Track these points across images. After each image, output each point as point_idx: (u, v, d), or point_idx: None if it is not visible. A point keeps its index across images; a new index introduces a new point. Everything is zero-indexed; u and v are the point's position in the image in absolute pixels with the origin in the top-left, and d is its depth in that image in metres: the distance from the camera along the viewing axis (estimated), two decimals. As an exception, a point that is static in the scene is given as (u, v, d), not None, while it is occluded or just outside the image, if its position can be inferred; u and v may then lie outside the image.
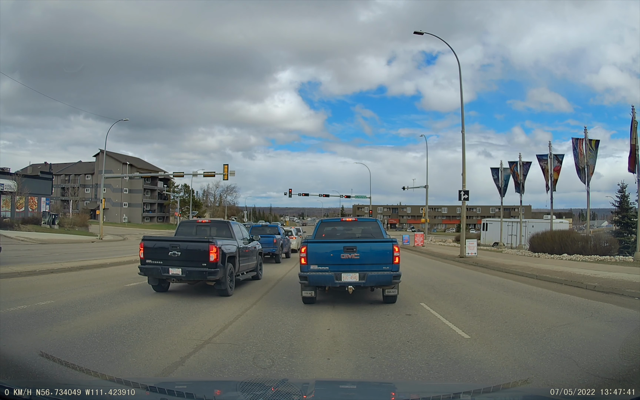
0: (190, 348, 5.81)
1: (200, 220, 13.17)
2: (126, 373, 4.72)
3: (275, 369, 5.09)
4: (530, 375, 4.81)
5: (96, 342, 5.94)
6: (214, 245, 9.81)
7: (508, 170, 33.66)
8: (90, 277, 13.22)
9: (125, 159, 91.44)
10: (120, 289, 10.82)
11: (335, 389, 3.43)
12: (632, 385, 4.02)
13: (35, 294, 9.50)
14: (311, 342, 6.38)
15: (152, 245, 10.20)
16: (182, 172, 44.47)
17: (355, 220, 11.19)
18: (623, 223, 35.66)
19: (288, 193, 59.43)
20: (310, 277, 8.74)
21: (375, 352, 5.83)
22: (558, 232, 26.06)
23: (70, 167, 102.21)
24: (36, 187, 47.23)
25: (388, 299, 9.23)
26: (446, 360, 5.41)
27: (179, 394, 2.68)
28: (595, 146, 25.29)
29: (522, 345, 6.07)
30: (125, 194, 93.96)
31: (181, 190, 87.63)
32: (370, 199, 63.87)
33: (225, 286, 10.19)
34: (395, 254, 8.77)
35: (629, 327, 7.22)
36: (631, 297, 10.01)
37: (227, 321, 7.58)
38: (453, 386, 4.22)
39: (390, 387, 3.76)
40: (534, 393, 3.49)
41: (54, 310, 7.90)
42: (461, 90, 24.19)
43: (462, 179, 23.44)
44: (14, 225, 36.91)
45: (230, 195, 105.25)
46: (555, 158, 29.02)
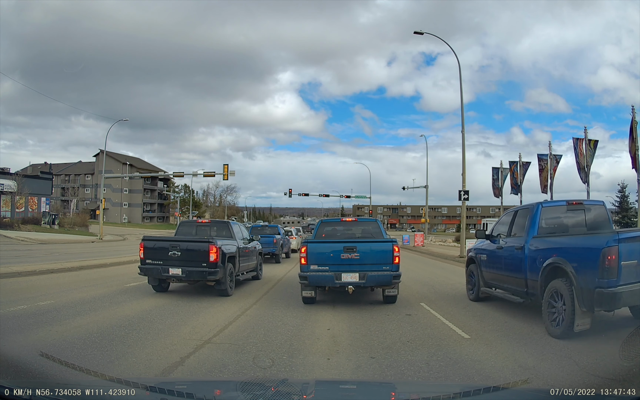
0: (190, 348, 5.81)
1: (201, 220, 13.18)
2: (126, 373, 4.72)
3: (275, 369, 5.09)
4: (530, 375, 4.81)
5: (96, 342, 5.95)
6: (214, 245, 9.81)
7: (508, 171, 33.66)
8: (90, 277, 13.23)
9: (125, 159, 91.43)
10: (120, 289, 10.82)
11: (335, 389, 3.43)
12: (632, 385, 4.02)
13: (35, 294, 9.50)
14: (311, 342, 6.38)
15: (152, 245, 10.21)
16: (182, 172, 44.45)
17: (355, 220, 11.20)
18: (623, 223, 35.69)
19: (288, 193, 59.44)
20: (310, 277, 8.75)
21: (375, 352, 5.83)
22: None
23: (70, 167, 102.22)
24: (36, 187, 47.17)
25: (388, 299, 9.23)
26: (446, 360, 5.41)
27: (179, 394, 2.68)
28: (594, 146, 25.32)
29: (522, 345, 6.07)
30: (125, 194, 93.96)
31: (181, 190, 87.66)
32: (370, 199, 63.89)
33: (225, 286, 10.19)
34: (395, 254, 8.78)
35: (629, 327, 7.21)
36: (631, 297, 9.99)
37: (227, 321, 7.58)
38: (453, 386, 4.22)
39: (390, 387, 3.76)
40: (534, 393, 3.49)
41: (54, 310, 7.90)
42: (461, 90, 24.22)
43: (462, 179, 23.46)
44: (14, 225, 36.90)
45: (231, 195, 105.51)
46: (554, 158, 29.03)
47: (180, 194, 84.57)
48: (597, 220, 7.97)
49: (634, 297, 5.83)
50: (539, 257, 7.17)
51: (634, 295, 5.79)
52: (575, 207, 8.11)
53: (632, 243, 5.88)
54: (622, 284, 5.71)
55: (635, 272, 5.78)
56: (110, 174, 68.41)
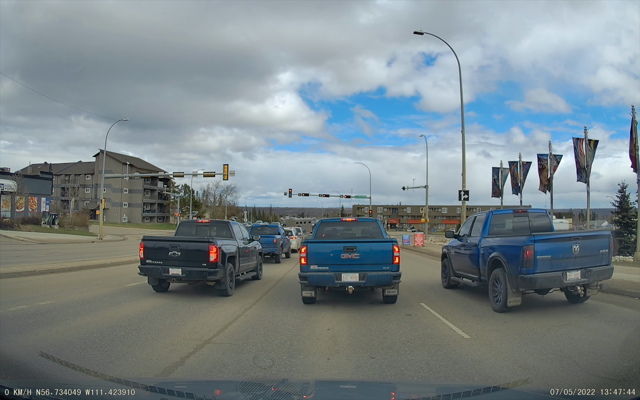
0: (190, 348, 5.81)
1: (201, 220, 13.18)
2: (126, 373, 4.72)
3: (275, 369, 5.09)
4: (530, 375, 4.81)
5: (96, 342, 5.94)
6: (214, 245, 9.81)
7: (508, 170, 33.64)
8: (90, 277, 13.23)
9: (125, 159, 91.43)
10: (120, 289, 10.82)
11: (335, 389, 3.43)
12: (632, 385, 4.02)
13: (35, 294, 9.50)
14: (311, 342, 6.38)
15: (152, 245, 10.20)
16: (182, 172, 44.45)
17: (355, 220, 11.19)
18: (623, 223, 35.64)
19: (288, 193, 59.47)
20: (310, 277, 8.74)
21: (375, 352, 5.83)
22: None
23: (70, 167, 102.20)
24: (36, 187, 47.20)
25: (388, 299, 9.23)
26: (446, 360, 5.41)
27: (179, 394, 2.68)
28: (594, 146, 25.32)
29: (522, 345, 6.07)
30: (125, 194, 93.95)
31: (181, 190, 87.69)
32: (370, 199, 63.92)
33: (225, 286, 10.19)
34: (395, 254, 8.78)
35: (629, 327, 7.21)
36: (631, 297, 10.00)
37: (227, 321, 7.58)
38: (453, 386, 4.22)
39: (390, 387, 3.76)
40: (534, 393, 3.49)
41: (54, 310, 7.90)
42: (461, 90, 24.24)
43: (462, 179, 23.47)
44: (14, 225, 36.93)
45: (230, 195, 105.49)
46: (555, 158, 29.02)
47: (180, 194, 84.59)
48: (540, 225, 10.05)
49: (547, 282, 7.99)
50: (487, 253, 9.24)
51: (547, 280, 7.95)
52: (520, 215, 10.45)
53: (545, 243, 8.02)
54: (538, 272, 7.81)
55: (549, 264, 7.89)
56: (110, 174, 68.41)
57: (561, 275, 7.91)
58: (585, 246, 8.15)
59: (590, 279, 8.12)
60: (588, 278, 8.07)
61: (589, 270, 8.05)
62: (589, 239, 8.46)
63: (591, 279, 8.13)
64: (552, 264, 7.89)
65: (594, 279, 8.17)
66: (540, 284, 7.91)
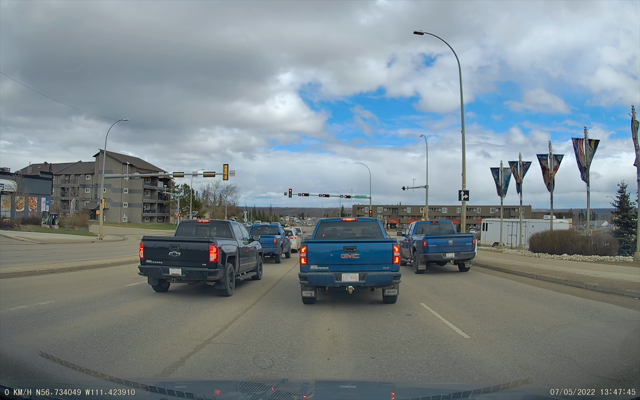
0: (190, 348, 5.81)
1: (200, 220, 13.18)
2: (126, 373, 4.72)
3: (275, 369, 5.09)
4: (530, 375, 4.80)
5: (96, 342, 5.94)
6: (214, 245, 9.81)
7: (508, 170, 33.63)
8: (90, 277, 13.23)
9: (125, 159, 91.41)
10: (120, 289, 10.82)
11: (335, 389, 3.42)
12: (632, 385, 4.03)
13: (35, 294, 9.50)
14: (311, 342, 6.38)
15: (152, 245, 10.20)
16: (182, 172, 44.42)
17: (355, 220, 11.19)
18: (623, 223, 35.70)
19: (288, 193, 59.47)
20: (310, 277, 8.74)
21: (375, 352, 5.83)
22: (558, 232, 25.97)
23: (70, 167, 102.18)
24: (36, 187, 47.19)
25: (388, 299, 9.23)
26: (446, 360, 5.40)
27: (179, 394, 2.68)
28: (594, 146, 25.32)
29: (522, 345, 6.06)
30: (125, 194, 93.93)
31: (181, 191, 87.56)
32: (370, 199, 63.91)
33: (225, 286, 10.19)
34: (395, 254, 8.78)
35: (629, 327, 7.22)
36: (631, 297, 10.00)
37: (227, 321, 7.58)
38: (453, 386, 4.22)
39: (390, 387, 3.76)
40: (534, 393, 3.49)
41: (54, 310, 7.90)
42: (461, 90, 24.19)
43: (462, 179, 23.45)
44: (14, 225, 36.90)
45: (230, 195, 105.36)
46: (555, 158, 29.02)
47: (180, 194, 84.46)
48: (446, 228, 18.04)
49: (434, 257, 15.60)
50: (412, 244, 16.80)
51: (434, 256, 15.56)
52: (434, 224, 18.93)
53: (430, 239, 15.63)
54: (429, 252, 15.50)
55: (436, 249, 15.51)
56: (110, 174, 68.41)
57: (442, 255, 15.54)
58: (456, 241, 15.94)
59: (458, 257, 15.84)
60: (457, 256, 15.82)
61: (459, 253, 15.79)
62: (459, 238, 16.33)
63: (458, 257, 15.86)
64: (437, 249, 15.49)
65: (460, 257, 15.90)
66: (431, 258, 15.59)
